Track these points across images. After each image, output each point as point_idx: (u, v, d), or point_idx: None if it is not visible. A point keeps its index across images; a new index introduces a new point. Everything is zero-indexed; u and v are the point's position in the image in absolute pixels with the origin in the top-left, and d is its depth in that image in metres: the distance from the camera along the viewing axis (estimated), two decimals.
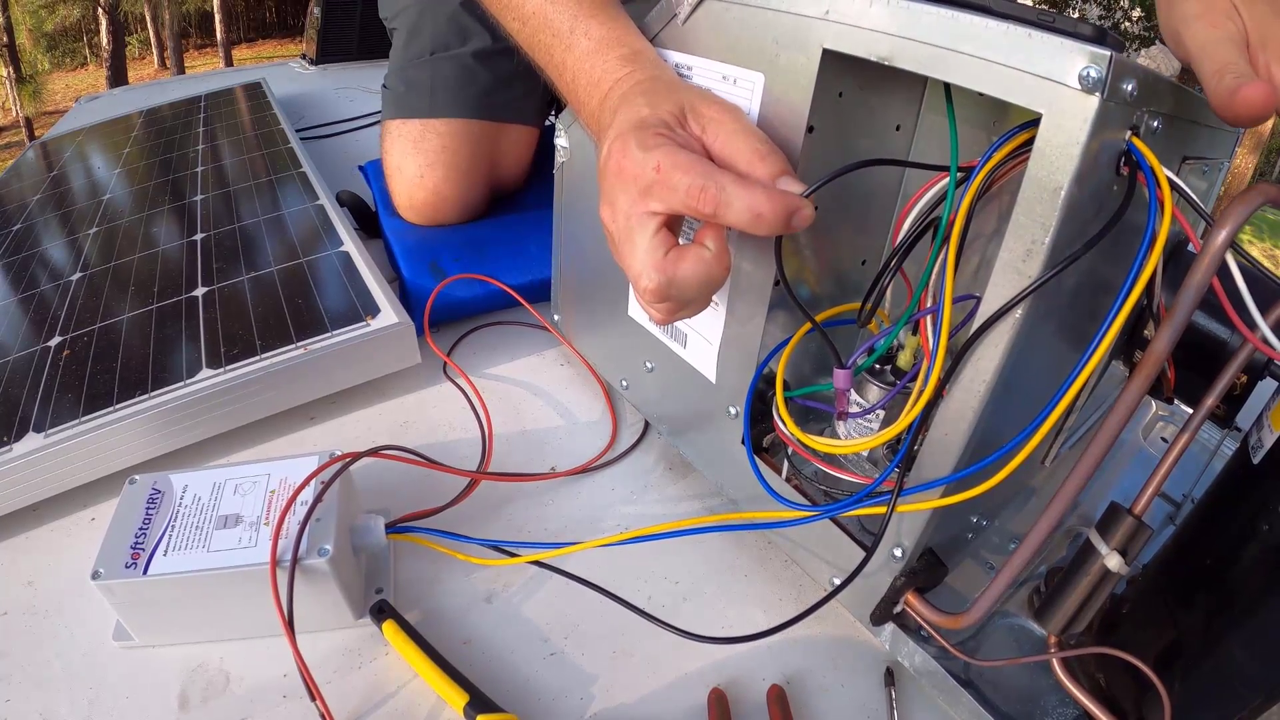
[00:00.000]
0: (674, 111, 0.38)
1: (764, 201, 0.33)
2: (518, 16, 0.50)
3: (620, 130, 0.38)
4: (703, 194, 0.34)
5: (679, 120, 0.38)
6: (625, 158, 0.36)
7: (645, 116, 0.38)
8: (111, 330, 0.65)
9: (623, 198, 0.37)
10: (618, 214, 0.37)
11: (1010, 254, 0.31)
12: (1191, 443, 0.33)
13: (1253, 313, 0.29)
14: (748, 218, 0.34)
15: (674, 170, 0.35)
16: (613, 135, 0.38)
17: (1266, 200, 0.28)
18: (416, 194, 0.83)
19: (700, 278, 0.36)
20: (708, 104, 0.38)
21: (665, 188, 0.35)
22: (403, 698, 0.42)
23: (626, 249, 0.37)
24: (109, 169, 1.13)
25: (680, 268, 0.36)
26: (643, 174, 0.35)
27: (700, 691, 0.43)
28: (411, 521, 0.49)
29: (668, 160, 0.35)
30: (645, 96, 0.40)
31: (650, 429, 0.62)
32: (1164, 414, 0.63)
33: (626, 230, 0.37)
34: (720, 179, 0.34)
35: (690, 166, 0.34)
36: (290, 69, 1.81)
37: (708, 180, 0.34)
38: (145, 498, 0.44)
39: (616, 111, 0.40)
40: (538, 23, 0.48)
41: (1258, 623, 0.32)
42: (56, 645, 0.45)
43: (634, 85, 0.42)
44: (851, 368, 0.39)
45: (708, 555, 0.51)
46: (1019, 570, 0.34)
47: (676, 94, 0.39)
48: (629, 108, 0.39)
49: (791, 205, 0.34)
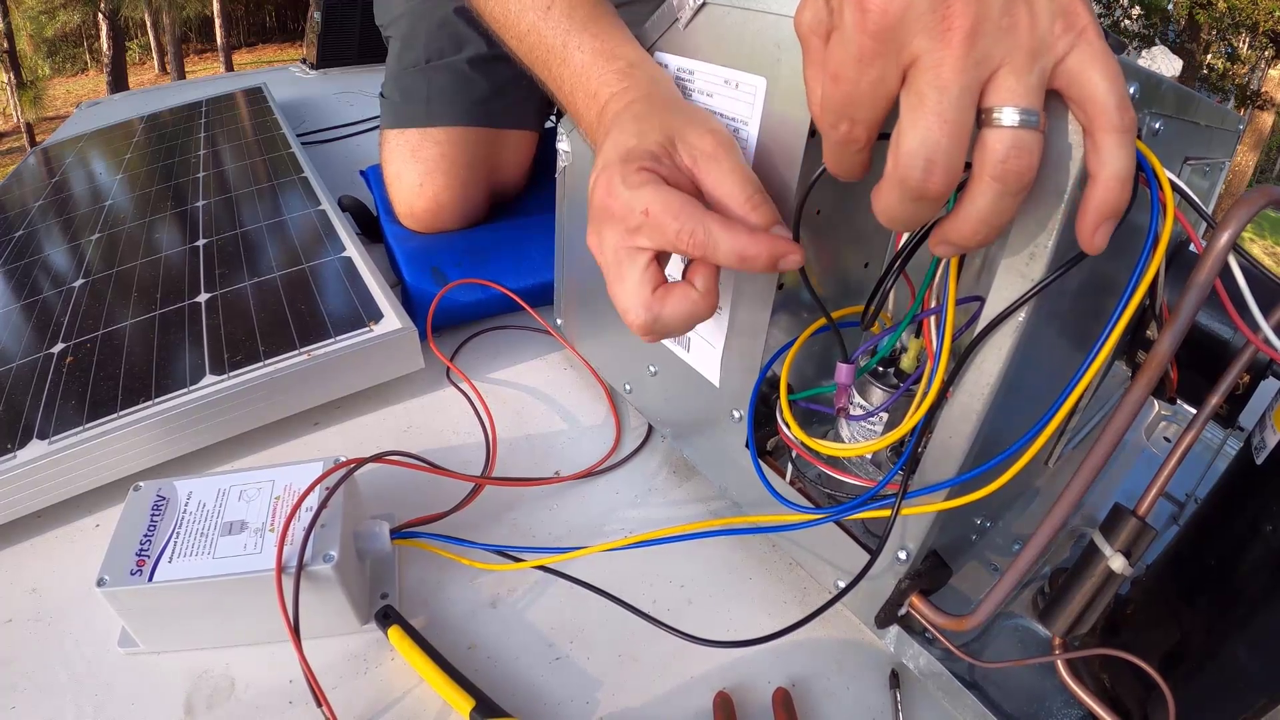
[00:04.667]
0: (662, 142, 0.38)
1: (750, 245, 0.34)
2: (515, 35, 0.50)
3: (607, 161, 0.38)
4: (691, 238, 0.34)
5: (667, 151, 0.38)
6: (611, 196, 0.36)
7: (632, 148, 0.38)
8: (115, 336, 0.66)
9: (609, 233, 0.37)
10: (605, 248, 0.37)
11: (1013, 256, 0.31)
12: (1195, 443, 0.33)
13: (1255, 314, 0.29)
14: (734, 260, 0.34)
15: (663, 214, 0.35)
16: (600, 165, 0.38)
17: (1269, 202, 0.28)
18: (416, 202, 0.83)
19: (685, 315, 0.36)
20: (700, 134, 0.38)
21: (654, 230, 0.35)
22: (408, 703, 0.42)
23: (615, 283, 0.37)
24: (110, 175, 1.13)
25: (666, 306, 0.36)
26: (630, 215, 0.36)
27: (705, 695, 0.43)
28: (416, 527, 0.49)
29: (656, 204, 0.35)
30: (635, 123, 0.39)
31: (654, 433, 0.62)
32: (1167, 414, 0.63)
33: (615, 264, 0.37)
34: (707, 223, 0.34)
35: (679, 211, 0.35)
36: (290, 73, 1.81)
37: (696, 225, 0.34)
38: (150, 504, 0.44)
39: (608, 133, 0.40)
40: (534, 39, 0.49)
41: (1262, 624, 0.32)
42: (62, 652, 0.45)
43: (626, 106, 0.42)
44: (854, 363, 0.39)
45: (712, 558, 0.51)
46: (1023, 572, 0.35)
47: (668, 120, 0.39)
48: (618, 134, 0.39)
49: (779, 250, 0.34)
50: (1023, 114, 0.25)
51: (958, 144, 0.25)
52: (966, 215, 0.27)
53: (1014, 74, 0.25)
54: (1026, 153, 0.25)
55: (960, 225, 0.27)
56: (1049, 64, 0.26)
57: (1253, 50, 8.64)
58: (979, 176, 0.26)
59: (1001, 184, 0.26)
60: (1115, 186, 0.26)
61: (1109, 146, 0.26)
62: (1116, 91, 0.25)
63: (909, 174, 0.26)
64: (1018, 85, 0.25)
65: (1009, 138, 0.25)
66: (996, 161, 0.25)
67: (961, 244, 0.28)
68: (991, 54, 0.25)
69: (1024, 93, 0.25)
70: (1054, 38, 0.25)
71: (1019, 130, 0.25)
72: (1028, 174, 0.26)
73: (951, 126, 0.25)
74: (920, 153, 0.25)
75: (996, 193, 0.26)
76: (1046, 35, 0.25)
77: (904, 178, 0.26)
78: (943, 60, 0.24)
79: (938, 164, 0.25)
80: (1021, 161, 0.25)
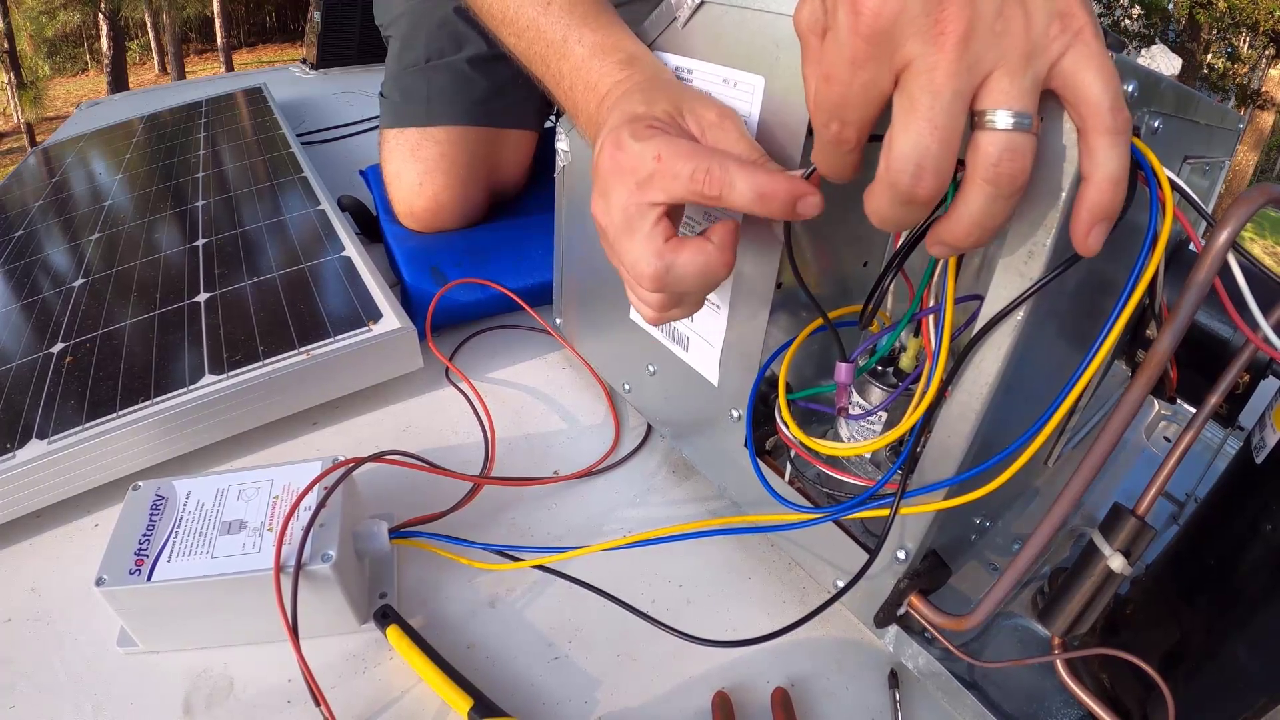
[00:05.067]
0: (670, 110, 0.38)
1: (768, 182, 0.33)
2: (513, 31, 0.50)
3: (613, 126, 0.37)
4: (708, 176, 0.33)
5: (673, 119, 0.38)
6: (620, 151, 0.36)
7: (640, 113, 0.37)
8: (114, 336, 0.66)
9: (619, 190, 0.36)
10: (612, 207, 0.37)
11: (1011, 255, 0.31)
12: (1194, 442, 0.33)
13: (1255, 313, 0.29)
14: (752, 197, 0.33)
15: (675, 157, 0.34)
16: (606, 131, 0.38)
17: (1268, 200, 0.28)
18: (416, 202, 0.83)
19: (700, 268, 0.35)
20: (707, 107, 0.38)
21: (667, 176, 0.34)
22: (407, 703, 0.42)
23: (624, 239, 0.36)
24: (110, 175, 1.13)
25: (681, 255, 0.35)
26: (641, 165, 0.35)
27: (704, 694, 0.43)
28: (415, 526, 0.49)
29: (668, 149, 0.34)
30: (642, 94, 0.39)
31: (653, 432, 0.62)
32: (1166, 413, 0.63)
33: (624, 222, 0.36)
34: (724, 160, 0.34)
35: (692, 152, 0.34)
36: (290, 73, 1.81)
37: (711, 162, 0.34)
38: (149, 504, 0.44)
39: (612, 110, 0.40)
40: (533, 35, 0.48)
41: (1261, 623, 0.32)
42: (61, 652, 0.45)
43: (632, 86, 0.42)
44: (854, 362, 0.39)
45: (710, 557, 0.51)
46: (1022, 572, 0.34)
47: (674, 94, 0.39)
48: (624, 105, 0.39)
49: (798, 189, 0.33)
50: (1016, 117, 0.25)
51: (948, 149, 0.25)
52: (960, 217, 0.27)
53: (1008, 76, 0.25)
54: (1019, 155, 0.25)
55: (954, 227, 0.27)
56: (1043, 66, 0.25)
57: (1253, 50, 8.64)
58: (972, 179, 0.26)
59: (994, 186, 0.26)
60: (1108, 188, 0.26)
61: (1102, 148, 0.26)
62: (1111, 93, 0.25)
63: (899, 178, 0.26)
64: (1011, 88, 0.25)
65: (1002, 140, 0.25)
66: (989, 165, 0.25)
67: (956, 245, 0.28)
68: (984, 57, 0.25)
69: (1017, 95, 0.25)
70: (1049, 39, 0.25)
71: (1012, 133, 0.25)
72: (1020, 176, 0.26)
73: (943, 132, 0.25)
74: (911, 157, 0.25)
75: (989, 195, 0.26)
76: (1041, 37, 0.25)
77: (894, 181, 0.26)
78: (936, 65, 0.24)
79: (927, 169, 0.25)
80: (1014, 164, 0.25)
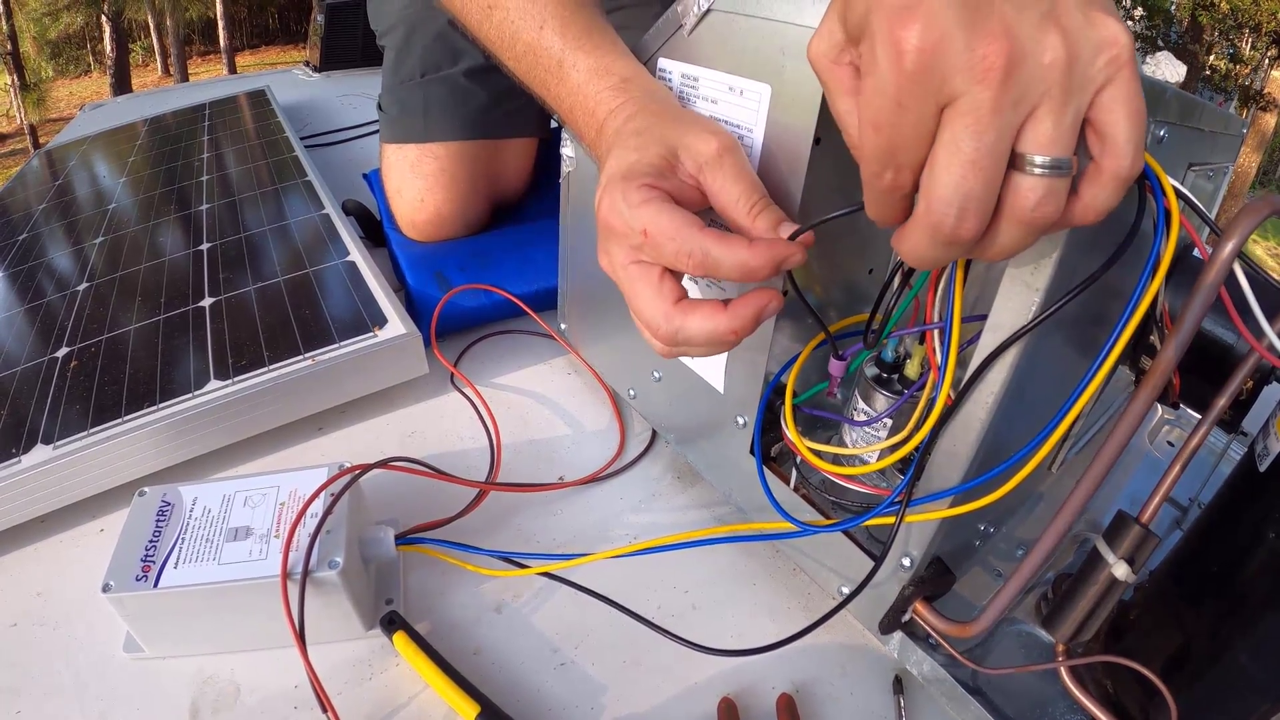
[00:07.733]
0: (664, 154, 0.38)
1: (750, 258, 0.34)
2: (511, 55, 0.51)
3: (610, 178, 0.38)
4: (690, 259, 0.35)
5: (669, 164, 0.38)
6: (614, 214, 0.37)
7: (634, 164, 0.38)
8: (119, 341, 0.66)
9: (616, 251, 0.38)
10: (615, 265, 0.38)
11: (1018, 267, 0.31)
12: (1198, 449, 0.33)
13: (1260, 320, 0.29)
14: (739, 275, 0.34)
15: (660, 236, 0.35)
16: (604, 183, 0.39)
17: (1274, 212, 0.28)
18: (418, 216, 0.82)
19: (707, 336, 0.36)
20: (703, 139, 0.38)
21: (654, 250, 0.36)
22: (413, 709, 0.42)
23: (633, 298, 0.38)
24: (114, 177, 1.13)
25: (690, 320, 0.36)
26: (630, 234, 0.36)
27: (710, 700, 0.43)
28: (421, 532, 0.49)
29: (654, 225, 0.35)
30: (636, 138, 0.40)
31: (658, 438, 0.62)
32: (1170, 418, 0.63)
33: (629, 281, 0.38)
34: (704, 243, 0.34)
35: (675, 233, 0.35)
36: (293, 76, 1.81)
37: (693, 246, 0.34)
38: (155, 510, 0.44)
39: (610, 151, 0.40)
40: (530, 59, 0.49)
41: (1264, 629, 0.32)
42: (67, 657, 0.45)
43: (626, 121, 0.42)
44: (845, 360, 0.39)
45: (716, 563, 0.51)
46: (1027, 578, 0.35)
47: (668, 131, 0.39)
48: (620, 150, 0.39)
49: (779, 255, 0.34)
50: (1056, 161, 0.24)
51: (991, 190, 0.25)
52: (985, 248, 0.26)
53: (1051, 116, 0.24)
54: (1057, 199, 0.25)
55: (979, 254, 0.27)
56: (1085, 101, 0.24)
57: (1255, 51, 8.63)
58: (1006, 217, 0.25)
59: (1029, 228, 0.25)
60: (1090, 216, 0.26)
61: (1105, 184, 0.25)
62: (1135, 140, 0.24)
63: (943, 220, 0.25)
64: (1054, 130, 0.24)
65: (1042, 188, 0.24)
66: (1026, 209, 0.25)
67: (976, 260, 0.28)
68: (1029, 93, 0.23)
69: (1059, 138, 0.24)
70: (1095, 71, 0.24)
71: (1051, 179, 0.24)
72: (1054, 216, 0.25)
73: (986, 174, 0.24)
74: (955, 200, 0.24)
75: (1021, 233, 0.26)
76: (1088, 69, 0.24)
77: (937, 224, 0.25)
78: (981, 103, 0.23)
79: (971, 211, 0.25)
80: (1051, 208, 0.25)
